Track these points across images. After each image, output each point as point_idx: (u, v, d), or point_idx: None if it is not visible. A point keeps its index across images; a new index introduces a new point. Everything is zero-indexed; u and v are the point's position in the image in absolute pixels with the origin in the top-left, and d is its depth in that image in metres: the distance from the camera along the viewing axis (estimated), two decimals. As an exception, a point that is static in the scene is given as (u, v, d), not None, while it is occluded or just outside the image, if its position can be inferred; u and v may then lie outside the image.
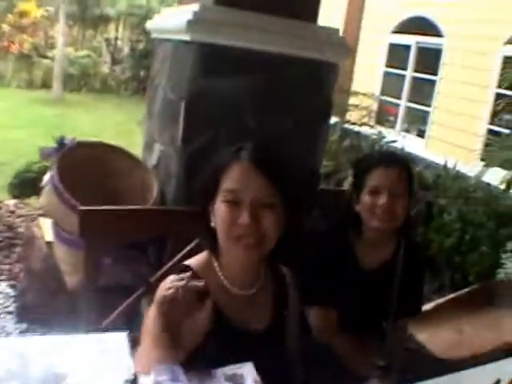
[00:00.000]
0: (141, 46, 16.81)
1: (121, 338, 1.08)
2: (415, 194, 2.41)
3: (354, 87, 10.99)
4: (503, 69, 7.37)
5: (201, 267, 1.70)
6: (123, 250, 2.73)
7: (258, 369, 1.47)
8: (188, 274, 1.46)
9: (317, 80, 2.89)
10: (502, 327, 4.04)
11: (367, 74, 11.36)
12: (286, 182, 1.67)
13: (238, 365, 1.42)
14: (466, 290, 4.40)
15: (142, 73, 16.20)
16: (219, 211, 1.62)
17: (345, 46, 2.98)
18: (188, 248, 2.31)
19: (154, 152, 3.09)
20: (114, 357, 1.06)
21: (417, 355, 3.24)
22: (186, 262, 1.73)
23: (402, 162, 2.34)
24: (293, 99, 2.85)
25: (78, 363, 1.14)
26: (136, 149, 3.47)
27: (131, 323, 2.08)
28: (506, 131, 7.33)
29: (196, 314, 1.48)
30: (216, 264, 1.71)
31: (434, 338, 3.71)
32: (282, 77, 2.80)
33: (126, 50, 18.17)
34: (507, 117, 8.52)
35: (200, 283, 1.44)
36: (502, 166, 6.08)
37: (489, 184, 6.84)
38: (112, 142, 3.28)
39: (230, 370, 1.41)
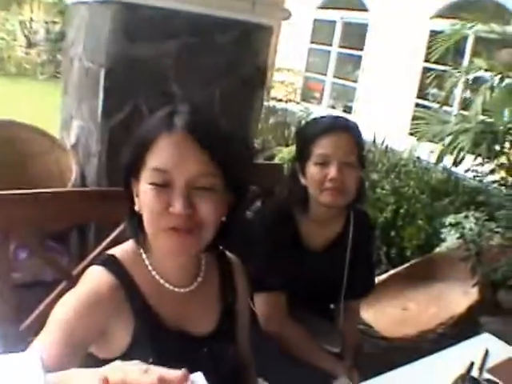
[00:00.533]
0: (57, 28, 16.23)
1: (34, 361, 0.80)
2: (365, 164, 2.13)
3: (279, 64, 10.81)
4: (430, 42, 7.33)
5: (127, 258, 1.37)
6: (40, 241, 2.44)
7: (207, 378, 1.19)
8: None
9: (248, 44, 2.67)
10: (446, 301, 4.02)
11: (292, 51, 11.20)
12: (229, 156, 1.31)
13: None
14: (407, 265, 4.32)
15: (59, 56, 15.63)
16: (145, 196, 1.26)
17: (279, 6, 2.76)
18: (113, 235, 2.00)
19: (72, 130, 2.81)
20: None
21: (366, 336, 3.12)
22: (110, 251, 1.41)
23: (351, 128, 2.06)
24: (223, 66, 2.63)
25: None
26: (53, 133, 3.13)
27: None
28: (433, 105, 7.32)
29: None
30: (144, 256, 1.39)
31: (379, 317, 3.60)
32: (210, 41, 2.58)
33: (42, 32, 17.51)
34: (433, 91, 8.55)
35: None
36: (433, 140, 6.03)
37: (419, 158, 6.83)
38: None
39: None
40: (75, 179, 2.53)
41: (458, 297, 4.07)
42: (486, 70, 5.42)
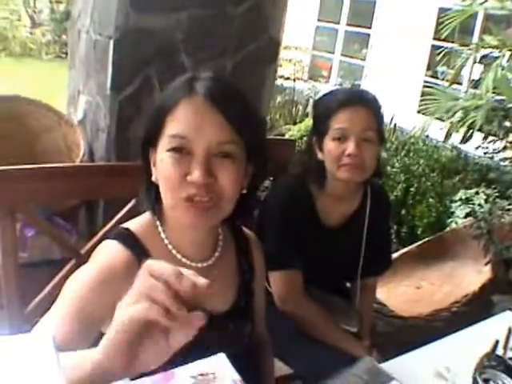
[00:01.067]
0: (62, 7, 16.08)
1: (46, 341, 0.74)
2: (385, 139, 2.05)
3: (286, 42, 10.70)
4: (439, 19, 7.22)
5: (142, 232, 1.32)
6: (48, 218, 2.39)
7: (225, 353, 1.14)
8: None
9: (261, 16, 2.59)
10: (459, 280, 3.98)
11: (299, 29, 11.08)
12: (248, 124, 1.25)
13: (208, 359, 1.05)
14: (418, 243, 4.27)
15: (63, 36, 15.50)
16: (163, 164, 1.21)
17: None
18: (123, 211, 1.93)
19: (80, 105, 2.74)
20: (40, 364, 0.72)
21: (380, 315, 3.08)
22: (125, 225, 1.35)
23: (370, 101, 1.97)
24: (234, 38, 2.55)
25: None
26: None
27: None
28: (442, 83, 7.23)
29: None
30: (161, 229, 1.33)
31: (393, 296, 3.57)
32: (221, 13, 2.50)
33: (46, 11, 17.36)
34: (443, 69, 8.46)
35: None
36: (443, 116, 5.96)
37: (428, 136, 6.77)
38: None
39: (199, 367, 1.03)
40: (83, 155, 2.47)
41: (471, 275, 4.03)
42: (497, 47, 5.34)
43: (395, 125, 7.59)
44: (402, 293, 3.80)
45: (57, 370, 0.70)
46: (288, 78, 9.24)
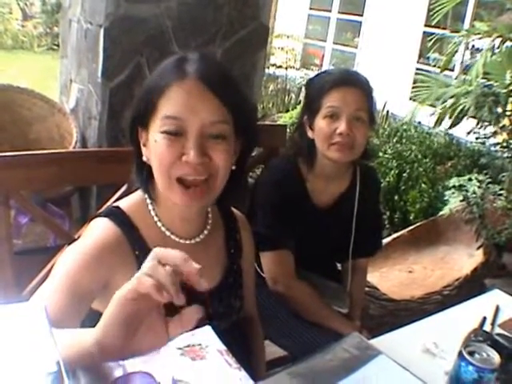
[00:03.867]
0: (53, -1, 16.00)
1: (39, 309, 0.76)
2: (376, 121, 2.07)
3: (278, 31, 10.69)
4: (430, 6, 7.22)
5: (133, 210, 1.35)
6: (42, 205, 2.41)
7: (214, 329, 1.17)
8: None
9: (250, 2, 2.59)
10: (451, 264, 4.02)
11: (292, 17, 11.06)
12: (239, 103, 1.29)
13: (192, 332, 1.06)
14: (410, 228, 4.31)
15: (55, 28, 15.43)
16: (156, 146, 1.23)
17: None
18: (116, 196, 1.95)
19: (72, 93, 2.75)
20: (32, 333, 0.74)
21: (372, 298, 3.12)
22: (115, 204, 1.38)
23: (362, 83, 2.01)
24: (224, 25, 2.56)
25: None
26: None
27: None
28: (434, 70, 7.24)
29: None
30: (151, 207, 1.36)
31: (385, 280, 3.60)
32: (211, 0, 2.50)
33: (38, 4, 17.27)
34: (434, 55, 8.47)
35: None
36: (434, 102, 5.99)
37: (420, 123, 6.79)
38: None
39: (184, 339, 1.05)
40: (76, 142, 2.48)
41: (463, 259, 4.08)
42: (487, 33, 5.36)
43: (388, 112, 7.60)
44: (395, 277, 3.84)
45: (49, 337, 0.72)
46: (280, 67, 9.23)
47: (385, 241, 4.11)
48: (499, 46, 5.33)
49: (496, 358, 1.31)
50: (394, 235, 4.23)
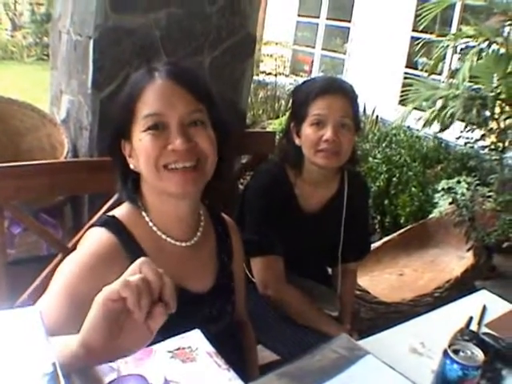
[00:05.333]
0: (42, 9, 15.98)
1: (34, 313, 0.80)
2: (361, 127, 2.11)
3: (267, 38, 10.73)
4: (418, 11, 7.29)
5: (127, 217, 1.39)
6: (35, 215, 2.43)
7: (205, 335, 1.20)
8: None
9: (237, 12, 2.64)
10: (441, 266, 4.05)
11: (280, 24, 11.11)
12: (208, 94, 1.39)
13: (181, 335, 1.10)
14: (400, 231, 4.35)
15: (45, 38, 15.42)
16: (141, 143, 1.30)
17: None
18: (107, 205, 1.98)
19: (62, 104, 2.77)
20: (27, 336, 0.78)
21: (363, 301, 3.15)
22: (110, 213, 1.43)
23: (347, 90, 2.05)
24: (212, 35, 2.60)
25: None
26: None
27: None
28: (422, 74, 7.29)
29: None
30: (144, 214, 1.41)
31: (376, 284, 3.64)
32: (198, 11, 2.54)
33: (27, 14, 17.24)
34: (422, 60, 8.52)
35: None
36: (422, 105, 6.04)
37: (409, 127, 6.83)
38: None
39: (174, 343, 1.08)
40: (67, 153, 2.50)
41: (453, 261, 4.12)
42: (473, 37, 5.42)
43: (377, 117, 7.65)
44: (385, 280, 3.87)
45: (45, 340, 0.75)
46: (270, 74, 9.28)
47: (375, 245, 4.15)
48: (485, 49, 5.39)
49: (480, 355, 1.34)
50: (385, 239, 4.26)
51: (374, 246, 4.16)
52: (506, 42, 5.23)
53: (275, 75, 9.25)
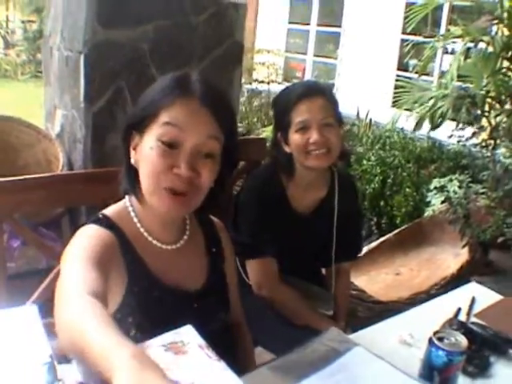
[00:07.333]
0: (34, 26, 16.04)
1: (31, 311, 0.86)
2: (343, 121, 2.18)
3: (259, 46, 10.81)
4: (406, 13, 7.35)
5: (118, 216, 1.42)
6: (34, 228, 2.48)
7: (199, 332, 1.23)
8: None
9: (223, 23, 2.70)
10: (437, 264, 4.07)
11: (271, 32, 11.19)
12: (232, 125, 1.42)
13: (174, 331, 1.12)
14: (396, 231, 4.39)
15: (38, 55, 15.47)
16: (150, 152, 1.30)
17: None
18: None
19: (57, 119, 2.83)
20: (26, 331, 0.84)
21: (360, 301, 3.18)
22: (100, 212, 1.44)
23: (324, 90, 2.11)
24: (199, 45, 2.66)
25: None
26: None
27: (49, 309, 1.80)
28: (413, 76, 7.35)
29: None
30: (133, 214, 1.44)
31: (373, 283, 3.68)
32: (185, 23, 2.60)
33: (19, 32, 17.30)
34: (413, 62, 8.58)
35: None
36: (413, 106, 6.09)
37: (402, 129, 6.88)
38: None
39: (167, 337, 1.10)
40: (62, 166, 2.56)
41: (449, 259, 4.16)
42: (461, 37, 5.47)
43: (371, 120, 7.70)
44: (382, 279, 3.92)
45: (42, 335, 0.81)
46: (262, 82, 9.33)
47: (371, 245, 4.21)
48: (473, 48, 5.45)
49: (464, 341, 1.40)
50: (381, 239, 4.31)
51: (370, 246, 4.22)
52: (493, 40, 5.29)
53: (268, 83, 9.31)
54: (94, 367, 0.88)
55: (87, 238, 1.31)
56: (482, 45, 5.44)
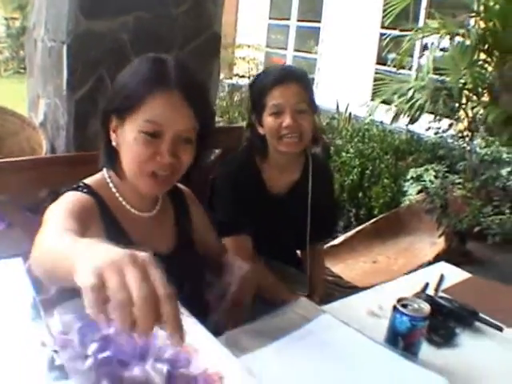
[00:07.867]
0: (17, 23, 15.97)
1: (16, 263, 0.94)
2: (318, 108, 2.26)
3: (239, 41, 10.89)
4: (384, 7, 7.44)
5: (97, 185, 1.54)
6: (18, 212, 2.53)
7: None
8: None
9: (202, 14, 2.77)
10: (414, 252, 4.14)
11: (252, 27, 11.26)
12: (207, 113, 1.55)
13: None
14: (373, 220, 4.48)
15: (21, 51, 15.41)
16: (134, 142, 1.43)
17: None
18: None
19: (40, 108, 2.89)
20: (12, 282, 0.92)
21: (337, 286, 3.25)
22: (81, 181, 1.56)
23: (300, 77, 2.19)
24: (178, 36, 2.72)
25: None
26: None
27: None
28: (392, 70, 7.45)
29: None
30: (111, 185, 1.57)
31: (350, 270, 3.75)
32: (165, 14, 2.67)
33: (2, 29, 17.20)
34: (392, 56, 8.68)
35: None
36: (392, 97, 6.19)
37: (381, 122, 6.98)
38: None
39: None
40: (46, 153, 2.62)
41: (426, 247, 4.23)
42: (438, 30, 5.58)
43: (350, 113, 7.79)
44: (359, 267, 3.99)
45: (28, 292, 0.91)
46: (243, 76, 9.41)
47: (348, 234, 4.30)
48: (449, 40, 5.56)
49: (426, 308, 1.49)
50: (357, 228, 4.40)
51: (347, 235, 4.31)
52: (469, 33, 5.40)
53: (249, 78, 9.39)
54: (65, 276, 0.88)
55: (68, 201, 1.41)
56: (459, 38, 5.57)
